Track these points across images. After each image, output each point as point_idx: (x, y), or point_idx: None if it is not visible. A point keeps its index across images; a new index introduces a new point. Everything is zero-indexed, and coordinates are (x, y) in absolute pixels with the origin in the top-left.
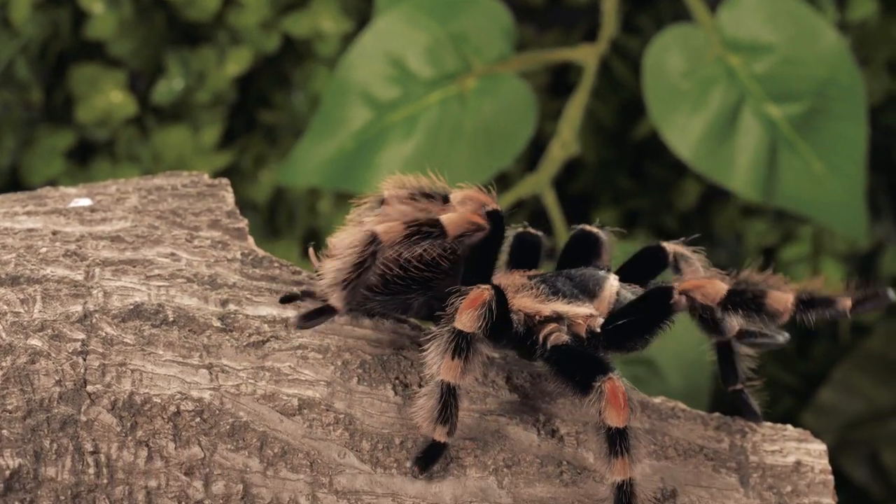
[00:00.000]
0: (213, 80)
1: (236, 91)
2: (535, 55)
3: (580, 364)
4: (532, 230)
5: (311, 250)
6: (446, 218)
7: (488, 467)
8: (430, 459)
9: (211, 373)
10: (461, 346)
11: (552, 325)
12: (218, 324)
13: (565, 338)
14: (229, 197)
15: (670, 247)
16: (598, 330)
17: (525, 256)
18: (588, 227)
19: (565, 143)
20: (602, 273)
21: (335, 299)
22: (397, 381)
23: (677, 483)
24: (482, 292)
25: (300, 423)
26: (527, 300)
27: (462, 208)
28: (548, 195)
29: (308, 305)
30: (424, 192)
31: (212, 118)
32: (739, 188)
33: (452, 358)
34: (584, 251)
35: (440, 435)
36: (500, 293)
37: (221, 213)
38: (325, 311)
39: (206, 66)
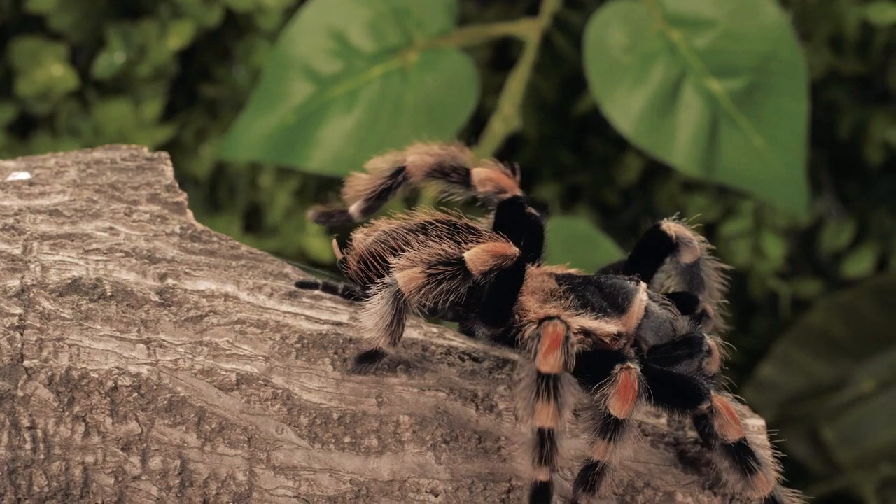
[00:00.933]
0: (154, 53)
1: (178, 65)
2: (477, 30)
3: (602, 359)
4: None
5: (334, 242)
6: (470, 256)
7: (426, 443)
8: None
9: (149, 348)
10: (553, 391)
11: (579, 336)
12: (156, 298)
13: (588, 347)
14: (168, 171)
15: (671, 228)
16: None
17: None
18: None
19: (507, 118)
20: (632, 286)
21: (384, 345)
22: (335, 357)
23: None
24: (556, 328)
25: (238, 398)
26: (555, 312)
27: (483, 232)
28: None
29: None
30: (447, 167)
31: (153, 92)
32: (680, 163)
33: (548, 402)
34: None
35: (545, 476)
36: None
37: (160, 187)
38: (376, 356)
39: (148, 40)
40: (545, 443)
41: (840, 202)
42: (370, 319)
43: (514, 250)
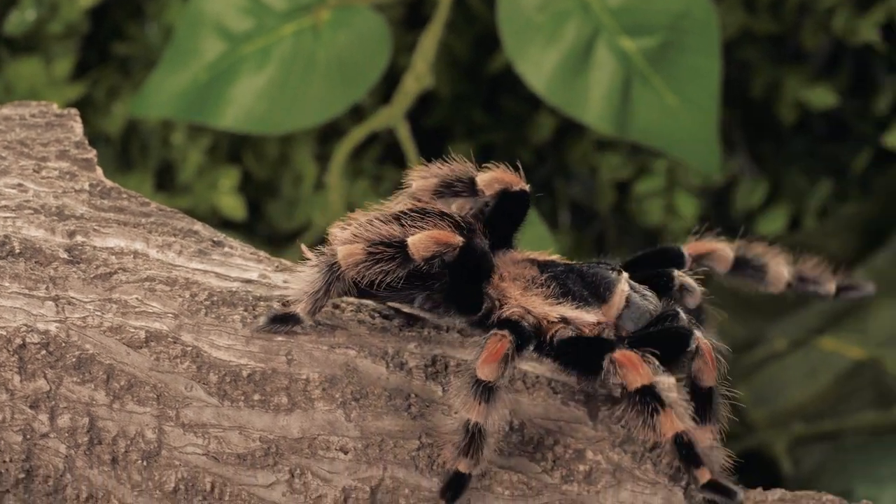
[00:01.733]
0: (65, 11)
1: (89, 22)
2: None
3: (587, 347)
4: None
5: (303, 247)
6: (413, 241)
7: (336, 400)
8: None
9: (57, 305)
10: (488, 395)
11: (559, 325)
12: (65, 255)
13: (570, 333)
14: (78, 127)
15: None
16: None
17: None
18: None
19: (419, 76)
20: (613, 275)
21: (301, 310)
22: (245, 314)
23: (525, 417)
24: (501, 343)
25: (147, 355)
26: (536, 300)
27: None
28: (401, 128)
29: (277, 308)
30: (449, 180)
31: (64, 50)
32: (593, 122)
33: (479, 404)
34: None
35: (465, 467)
36: (514, 326)
37: (70, 144)
38: (290, 319)
39: None
40: (472, 436)
41: (753, 161)
42: (298, 283)
43: (458, 239)
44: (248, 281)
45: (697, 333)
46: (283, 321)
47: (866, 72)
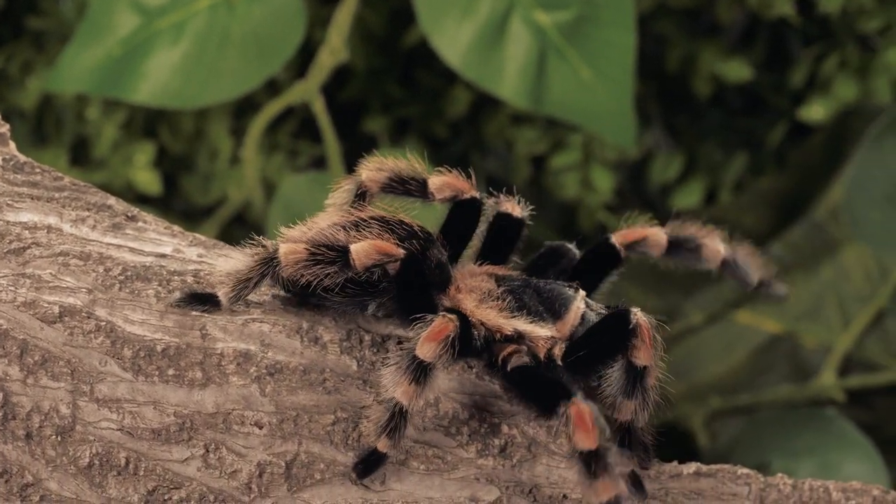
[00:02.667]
0: None
1: None
2: None
3: (543, 389)
4: (515, 212)
5: (270, 243)
6: (356, 248)
7: (251, 375)
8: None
9: None
10: (420, 374)
11: (512, 347)
12: None
13: (525, 359)
14: None
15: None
16: (559, 361)
17: (500, 241)
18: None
19: (334, 50)
20: (570, 292)
21: (222, 295)
22: (160, 289)
23: (440, 391)
24: (445, 325)
25: (61, 330)
26: (491, 313)
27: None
28: (317, 103)
29: (196, 288)
30: (402, 176)
31: None
32: (509, 96)
33: (409, 384)
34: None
35: (384, 446)
36: (462, 318)
37: None
38: (208, 300)
39: None
40: (393, 417)
41: (669, 135)
42: (228, 265)
43: (399, 251)
44: (163, 255)
45: (636, 310)
46: (201, 301)
47: (781, 45)
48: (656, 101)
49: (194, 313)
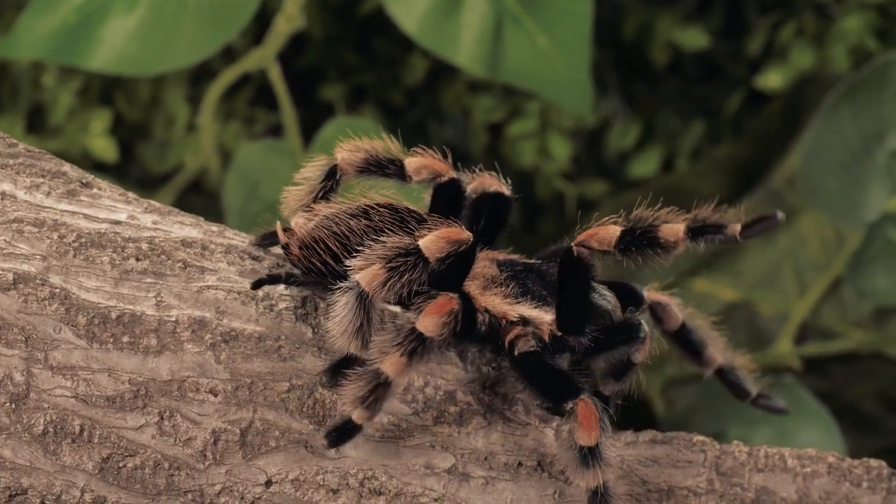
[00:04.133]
0: None
1: None
2: None
3: (552, 382)
4: (504, 191)
5: (278, 225)
6: (425, 244)
7: (205, 342)
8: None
9: None
10: (416, 348)
11: (518, 329)
12: None
13: (532, 342)
14: None
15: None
16: (570, 342)
17: (491, 222)
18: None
19: (290, 17)
20: None
21: (354, 348)
22: (114, 256)
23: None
24: (449, 300)
25: (15, 297)
26: (495, 299)
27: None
28: (273, 70)
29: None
30: (379, 158)
31: None
32: (465, 63)
33: (402, 356)
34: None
35: (359, 418)
36: (466, 299)
37: None
38: (349, 363)
39: None
40: (376, 388)
41: (626, 103)
42: (338, 326)
43: (467, 234)
44: (117, 222)
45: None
46: (345, 365)
47: (738, 13)
48: (613, 69)
49: (148, 279)
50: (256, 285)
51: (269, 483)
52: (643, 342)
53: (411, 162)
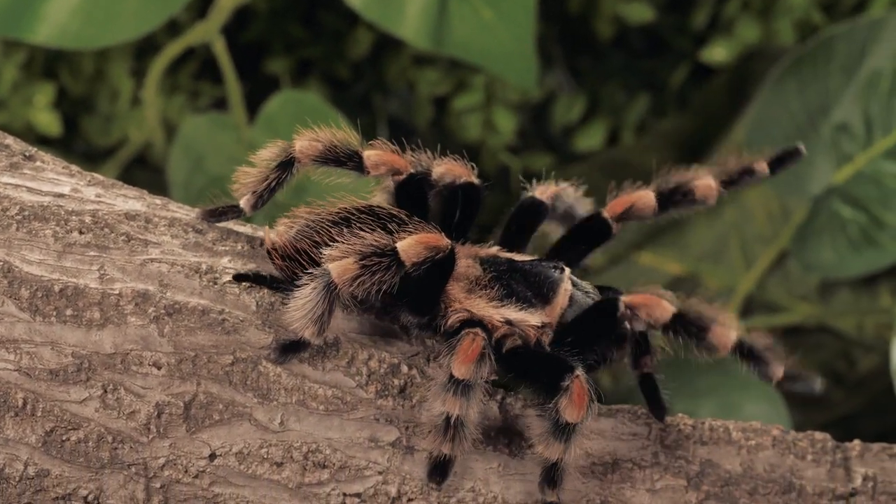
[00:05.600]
0: None
1: None
2: None
3: (546, 366)
4: (473, 180)
5: (266, 229)
6: (402, 247)
7: (149, 315)
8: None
9: None
10: (465, 392)
11: (504, 328)
12: None
13: (519, 341)
14: None
15: (544, 192)
16: (548, 347)
17: (464, 214)
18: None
19: None
20: (556, 274)
21: (309, 335)
22: (57, 229)
23: (339, 331)
24: (475, 340)
25: None
26: (480, 303)
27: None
28: (217, 43)
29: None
30: (337, 151)
31: None
32: (410, 37)
33: (456, 399)
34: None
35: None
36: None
37: None
38: (299, 347)
39: None
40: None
41: (571, 76)
42: (299, 310)
43: (445, 242)
44: (61, 195)
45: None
46: (294, 349)
47: None
48: (558, 42)
49: (92, 252)
50: (239, 278)
51: (213, 456)
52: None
53: (370, 156)
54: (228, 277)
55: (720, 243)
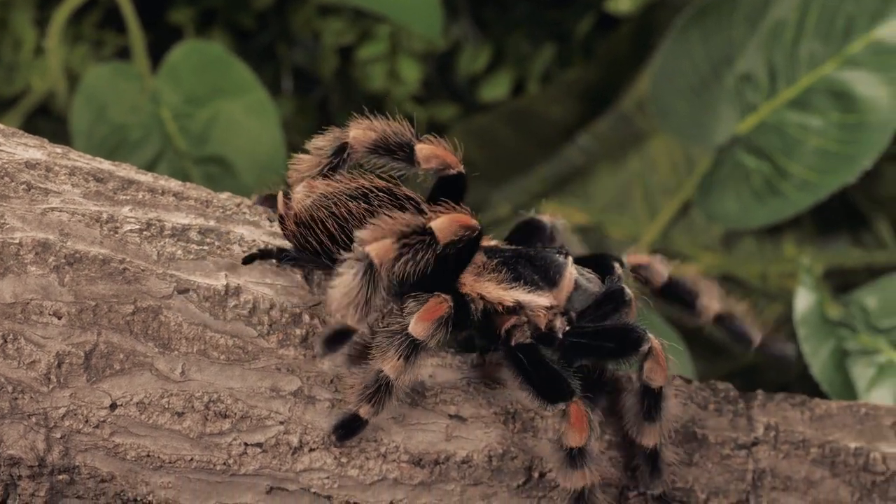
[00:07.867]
0: None
1: None
2: None
3: (547, 380)
4: (456, 171)
5: (280, 195)
6: (437, 226)
7: (49, 265)
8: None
9: None
10: (410, 351)
11: (514, 318)
12: None
13: (528, 334)
14: None
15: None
16: (560, 335)
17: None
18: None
19: None
20: (561, 259)
21: (351, 321)
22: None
23: (240, 281)
24: (441, 304)
25: None
26: (489, 286)
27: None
28: None
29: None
30: (390, 142)
31: None
32: None
33: (398, 359)
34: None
35: (365, 412)
36: (458, 297)
37: None
38: (345, 336)
39: None
40: (380, 388)
41: (476, 26)
42: (343, 297)
43: (475, 222)
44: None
45: (650, 335)
46: (340, 338)
47: None
48: None
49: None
50: (248, 260)
51: (113, 406)
52: (629, 305)
53: (422, 149)
54: (129, 227)
55: (624, 193)
